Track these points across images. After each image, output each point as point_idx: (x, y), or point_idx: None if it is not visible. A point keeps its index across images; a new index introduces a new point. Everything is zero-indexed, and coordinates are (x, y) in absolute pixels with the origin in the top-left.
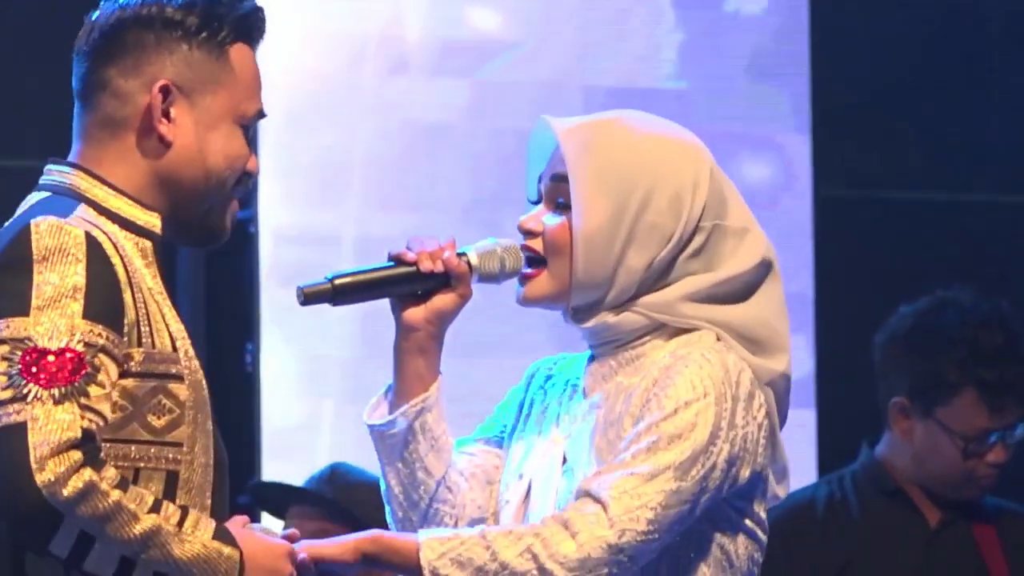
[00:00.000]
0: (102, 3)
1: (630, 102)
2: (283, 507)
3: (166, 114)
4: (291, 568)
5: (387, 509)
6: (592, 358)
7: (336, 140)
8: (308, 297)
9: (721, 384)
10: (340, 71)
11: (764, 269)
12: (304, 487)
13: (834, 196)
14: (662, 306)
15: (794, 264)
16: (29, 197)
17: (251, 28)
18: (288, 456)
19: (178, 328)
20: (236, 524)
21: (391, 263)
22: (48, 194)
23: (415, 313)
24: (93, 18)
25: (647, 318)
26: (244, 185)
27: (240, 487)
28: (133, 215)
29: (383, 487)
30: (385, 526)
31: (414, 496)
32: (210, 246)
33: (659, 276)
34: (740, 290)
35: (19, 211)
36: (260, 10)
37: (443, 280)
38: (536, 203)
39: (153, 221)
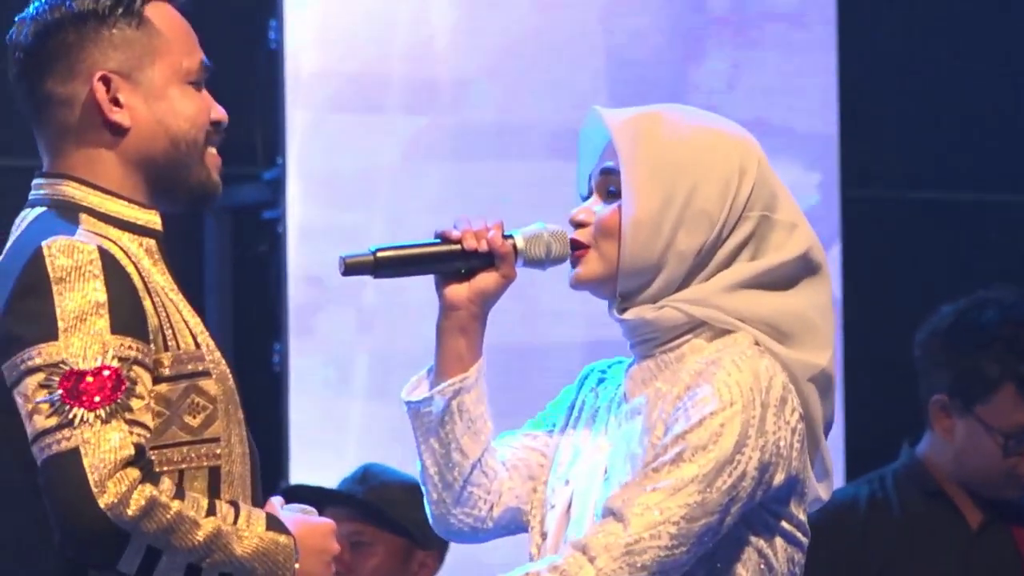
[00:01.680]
0: (16, 22)
1: (662, 100)
2: (317, 509)
3: (115, 102)
4: (337, 545)
5: (423, 491)
6: (634, 361)
7: (364, 140)
8: (350, 267)
9: (750, 391)
10: (368, 71)
11: (807, 264)
12: (337, 489)
13: (861, 197)
14: (700, 299)
15: None
16: (24, 214)
17: None
18: (316, 456)
19: (195, 323)
20: (274, 508)
21: (436, 240)
22: (44, 209)
23: (457, 292)
24: (11, 39)
25: (685, 315)
26: (217, 135)
27: (268, 487)
28: (132, 216)
29: (419, 467)
30: (419, 526)
31: (448, 477)
32: (208, 204)
33: (705, 266)
34: (780, 281)
35: (17, 230)
36: None
37: (487, 260)
38: (586, 198)
39: (153, 219)
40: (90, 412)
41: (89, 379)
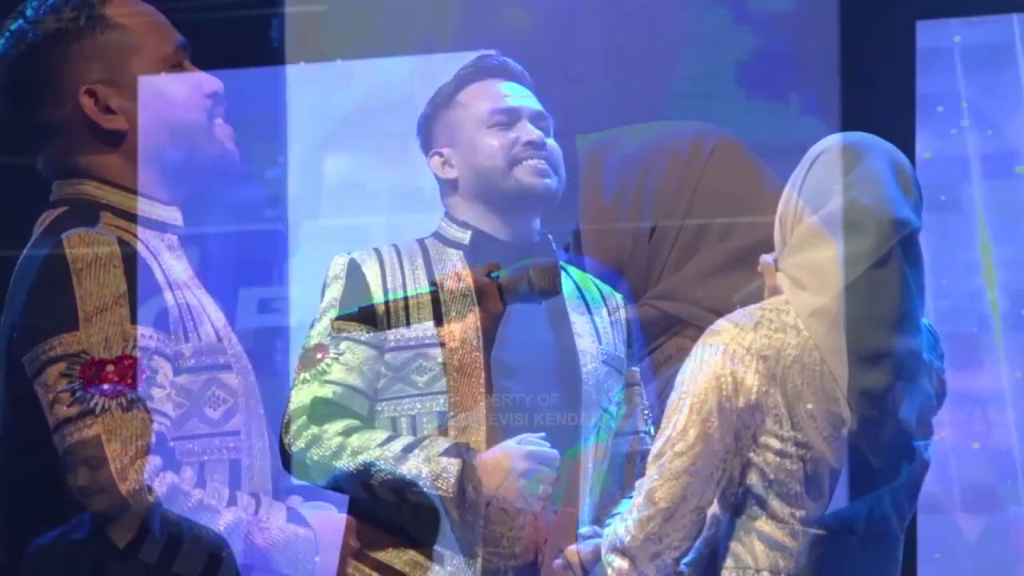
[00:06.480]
0: None
1: (658, 109)
2: None
3: (107, 109)
4: (357, 543)
5: None
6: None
7: (366, 139)
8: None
9: (704, 380)
10: (367, 69)
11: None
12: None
13: None
14: (672, 292)
15: None
16: (46, 214)
17: None
18: None
19: (218, 316)
20: (294, 504)
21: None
22: (66, 208)
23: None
24: None
25: (659, 311)
26: (219, 105)
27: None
28: (154, 212)
29: None
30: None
31: None
32: (230, 173)
33: (671, 249)
34: (755, 256)
35: (39, 229)
36: None
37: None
38: None
39: (174, 215)
40: (111, 400)
41: (110, 368)
